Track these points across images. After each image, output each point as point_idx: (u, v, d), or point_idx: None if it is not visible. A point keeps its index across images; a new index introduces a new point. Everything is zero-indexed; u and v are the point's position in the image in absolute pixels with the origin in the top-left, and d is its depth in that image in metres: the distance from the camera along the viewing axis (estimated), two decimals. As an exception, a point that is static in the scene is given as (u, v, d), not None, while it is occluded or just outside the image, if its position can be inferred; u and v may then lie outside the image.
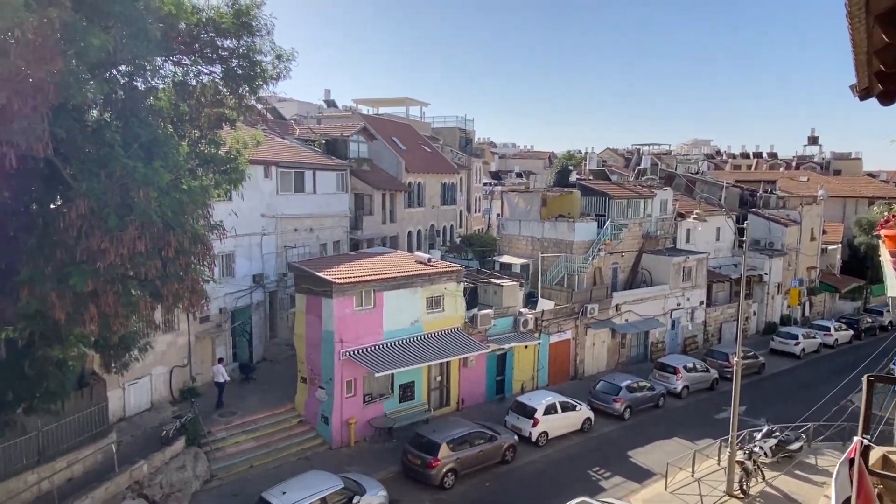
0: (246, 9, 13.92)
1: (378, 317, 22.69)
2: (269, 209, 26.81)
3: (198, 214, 12.98)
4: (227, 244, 22.63)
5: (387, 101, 60.15)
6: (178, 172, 12.64)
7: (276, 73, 14.99)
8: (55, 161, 10.78)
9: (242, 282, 25.43)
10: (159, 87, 14.11)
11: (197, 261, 13.00)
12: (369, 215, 35.32)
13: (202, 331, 23.46)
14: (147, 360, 18.43)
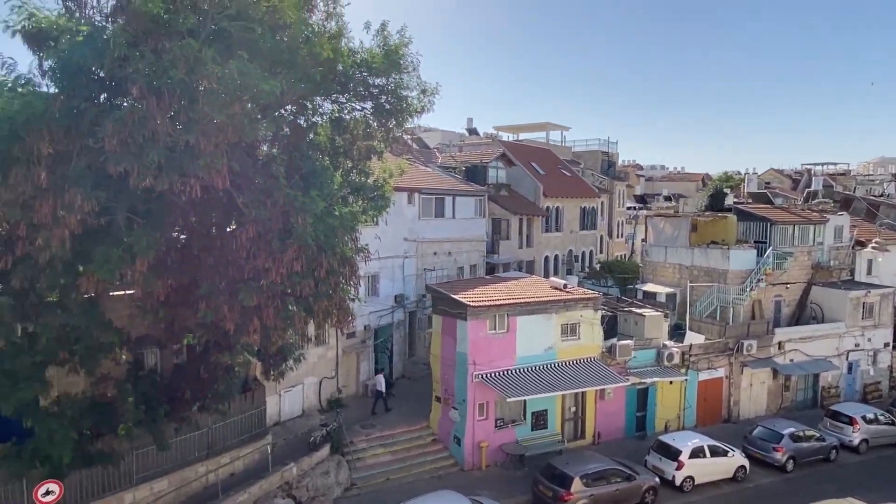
0: (395, 48, 14.97)
1: (511, 341, 22.68)
2: (411, 233, 28.18)
3: (347, 238, 14.09)
4: (372, 266, 24.14)
5: (527, 126, 60.61)
6: (332, 200, 13.85)
7: (421, 107, 15.89)
8: (231, 191, 12.35)
9: (385, 301, 26.87)
10: (319, 123, 15.59)
11: (344, 281, 14.06)
12: (506, 240, 35.59)
13: (348, 346, 25.10)
14: (300, 370, 20.13)
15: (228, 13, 11.30)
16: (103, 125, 10.19)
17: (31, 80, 10.98)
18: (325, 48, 13.05)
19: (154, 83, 9.98)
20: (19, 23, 10.27)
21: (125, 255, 11.11)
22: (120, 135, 10.13)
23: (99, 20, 11.27)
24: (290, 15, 12.14)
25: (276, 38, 12.40)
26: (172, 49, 10.06)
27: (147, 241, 11.27)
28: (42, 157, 10.14)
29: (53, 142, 10.26)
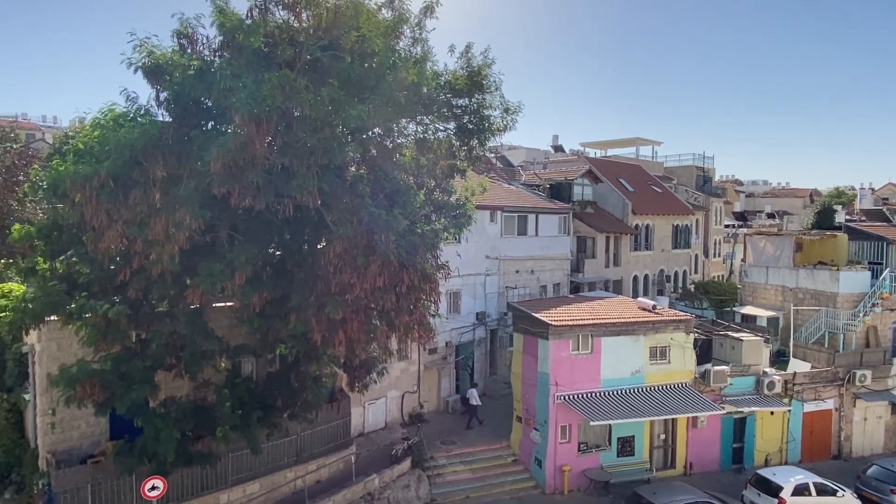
0: (478, 70, 15.27)
1: (595, 363, 22.07)
2: (493, 251, 28.28)
3: (428, 255, 14.41)
4: (453, 282, 24.45)
5: (615, 142, 59.24)
6: (414, 218, 14.26)
7: (504, 126, 16.05)
8: (321, 210, 13.05)
9: (466, 318, 27.06)
10: (403, 144, 16.12)
11: (425, 296, 14.37)
12: (591, 258, 34.81)
13: (430, 361, 25.46)
14: (383, 383, 20.67)
15: (321, 44, 12.07)
16: (209, 150, 11.16)
17: (149, 110, 12.25)
18: (410, 73, 13.53)
19: (254, 111, 10.81)
20: (140, 60, 11.51)
21: (226, 270, 12.01)
22: (224, 159, 11.04)
23: (207, 55, 12.39)
24: (378, 43, 12.74)
25: (364, 66, 13.06)
26: (271, 79, 10.88)
27: (245, 256, 12.14)
28: (157, 179, 11.24)
29: (167, 166, 11.36)
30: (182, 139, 11.85)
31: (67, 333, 14.36)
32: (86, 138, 12.29)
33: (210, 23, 11.72)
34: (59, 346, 15.20)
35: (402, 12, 13.79)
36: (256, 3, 12.21)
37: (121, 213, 11.27)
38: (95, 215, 11.24)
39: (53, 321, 13.92)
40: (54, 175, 11.70)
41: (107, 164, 11.10)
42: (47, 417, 15.41)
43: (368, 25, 12.93)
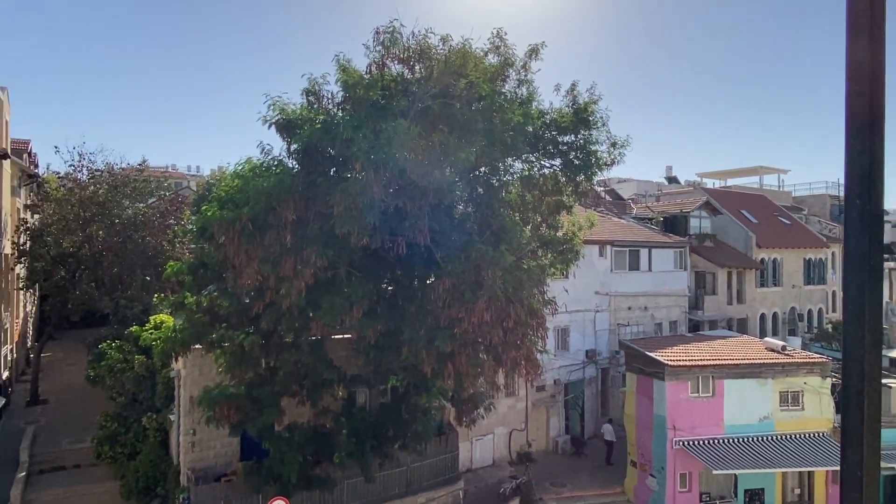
0: (584, 106, 15.46)
1: (718, 407, 20.68)
2: (602, 286, 27.66)
3: (535, 290, 14.54)
4: (562, 319, 24.16)
5: (736, 171, 55.95)
6: (521, 254, 14.52)
7: (612, 160, 16.01)
8: (432, 247, 13.70)
9: (576, 356, 26.51)
10: (510, 181, 16.55)
11: (532, 332, 14.45)
12: (711, 295, 32.85)
13: (538, 399, 25.13)
14: (491, 419, 20.74)
15: (432, 93, 12.93)
16: (333, 195, 12.24)
17: (282, 160, 13.69)
18: (515, 114, 14.02)
19: (372, 158, 11.77)
20: (274, 117, 12.97)
21: (345, 304, 12.93)
22: (345, 202, 12.05)
23: (332, 109, 13.69)
24: (485, 88, 13.39)
25: (472, 110, 13.75)
26: (387, 129, 11.81)
27: (362, 291, 13.00)
28: (288, 222, 12.47)
29: (296, 210, 12.58)
30: (309, 186, 13.10)
31: (209, 360, 16.00)
32: (227, 187, 13.94)
33: (334, 80, 13.01)
34: (201, 371, 16.95)
35: (508, 57, 14.40)
36: (374, 60, 13.37)
37: (257, 253, 12.58)
38: (236, 255, 12.65)
39: (197, 349, 15.64)
40: (203, 219, 13.36)
41: (246, 210, 12.52)
42: (189, 437, 17.11)
43: (476, 72, 13.64)
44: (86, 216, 25.16)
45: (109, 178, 26.63)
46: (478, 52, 14.23)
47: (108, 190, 25.95)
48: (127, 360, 20.63)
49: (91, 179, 26.63)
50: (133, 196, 26.83)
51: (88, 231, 25.02)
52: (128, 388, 20.59)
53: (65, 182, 27.86)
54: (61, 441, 21.40)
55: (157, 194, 28.39)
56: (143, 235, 25.61)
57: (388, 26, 13.07)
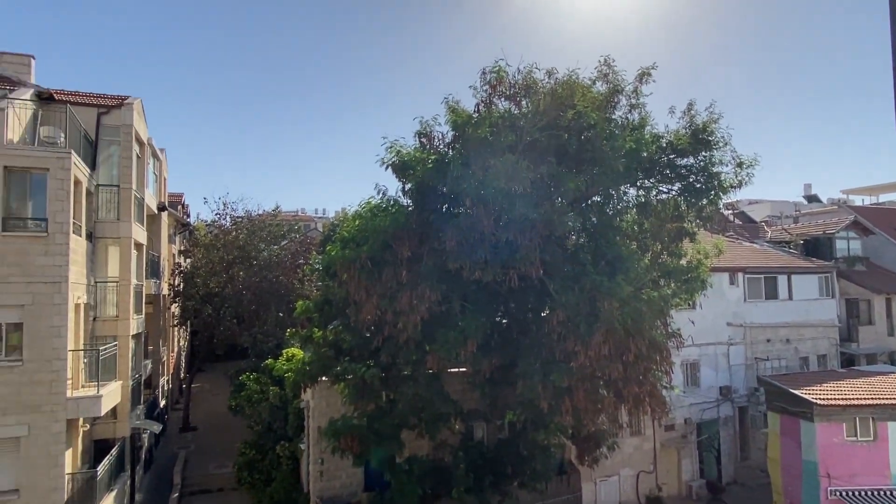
0: (703, 126, 14.72)
1: (881, 453, 18.08)
2: (735, 317, 25.55)
3: (658, 322, 13.81)
4: (690, 352, 22.60)
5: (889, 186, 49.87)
6: (639, 284, 13.91)
7: (738, 182, 15.01)
8: (544, 279, 13.57)
9: (708, 393, 24.54)
10: (624, 210, 16.03)
11: (656, 366, 13.69)
12: (867, 325, 29.10)
13: (667, 439, 23.49)
14: (615, 459, 19.69)
15: (540, 125, 13.00)
16: (445, 231, 12.60)
17: (397, 200, 14.38)
18: (627, 140, 13.67)
19: (482, 193, 12.01)
20: (390, 160, 13.70)
21: (459, 337, 13.10)
22: (457, 237, 12.36)
23: (442, 148, 14.21)
24: (593, 117, 13.23)
25: (580, 140, 13.62)
26: (495, 164, 12.04)
27: (476, 324, 13.12)
28: (403, 259, 12.99)
29: (411, 247, 13.09)
30: (423, 223, 13.61)
31: (334, 392, 16.82)
32: (349, 227, 14.86)
33: (444, 121, 13.53)
34: (327, 403, 17.85)
35: (616, 84, 14.15)
36: (482, 99, 13.75)
37: (376, 289, 13.20)
38: (357, 291, 13.36)
39: (324, 381, 16.52)
40: (327, 259, 14.31)
41: (365, 248, 13.24)
42: (317, 466, 17.96)
43: (583, 102, 13.54)
44: (228, 259, 27.88)
45: (248, 224, 29.43)
46: (585, 82, 14.14)
47: (247, 235, 28.67)
48: (263, 391, 22.25)
49: (233, 226, 29.58)
50: (268, 239, 29.38)
51: (231, 272, 27.67)
52: (264, 417, 22.15)
53: (211, 229, 31.15)
54: (208, 465, 23.36)
55: (288, 237, 30.83)
56: (277, 275, 27.84)
57: (494, 66, 13.42)
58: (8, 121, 14.02)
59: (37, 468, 13.57)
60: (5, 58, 18.05)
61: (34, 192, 14.27)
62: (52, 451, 13.72)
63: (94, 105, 18.09)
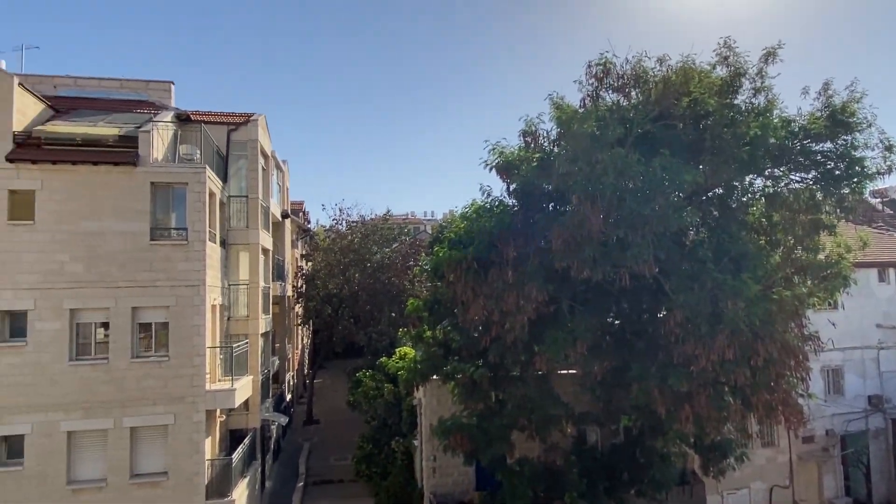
0: (843, 108, 13.25)
1: None
2: (886, 318, 22.67)
3: (790, 324, 12.60)
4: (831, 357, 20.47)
5: None
6: (769, 282, 12.76)
7: (886, 167, 13.36)
8: (659, 278, 12.86)
9: (854, 402, 21.99)
10: (750, 202, 14.79)
11: (789, 372, 12.50)
12: None
13: (805, 452, 21.36)
14: (745, 471, 18.23)
15: (651, 116, 12.34)
16: (551, 230, 12.34)
17: (502, 200, 14.33)
18: (751, 126, 12.60)
19: (589, 190, 11.62)
20: (494, 161, 13.67)
21: (568, 338, 12.77)
22: (563, 237, 12.06)
23: (547, 146, 13.92)
24: (711, 103, 12.35)
25: (698, 128, 12.75)
26: (603, 159, 11.59)
27: (585, 325, 12.72)
28: (509, 259, 12.90)
29: (516, 247, 12.97)
30: (528, 222, 13.44)
31: (445, 391, 17.09)
32: (455, 229, 15.03)
33: (549, 118, 13.25)
34: (438, 401, 18.18)
35: (738, 66, 13.08)
36: (588, 93, 13.30)
37: (482, 289, 13.22)
38: (464, 291, 13.47)
39: (434, 380, 16.85)
40: (435, 260, 14.57)
41: (471, 249, 13.32)
42: (430, 462, 18.35)
43: (700, 88, 12.68)
44: (345, 262, 29.39)
45: (362, 228, 30.85)
46: (703, 66, 13.23)
47: (361, 238, 30.07)
48: (378, 387, 23.15)
49: (348, 230, 31.13)
50: (380, 242, 30.61)
51: (347, 274, 29.14)
52: (379, 413, 23.04)
53: (329, 234, 32.97)
54: (329, 457, 24.72)
55: (399, 239, 31.91)
56: (389, 276, 28.91)
57: (600, 58, 12.94)
58: (153, 142, 15.70)
59: (181, 454, 15.09)
60: (151, 85, 20.28)
61: (175, 205, 15.90)
62: (194, 439, 15.19)
63: (224, 123, 19.81)
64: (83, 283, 14.85)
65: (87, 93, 19.50)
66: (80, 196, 15.01)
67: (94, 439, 14.80)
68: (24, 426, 14.35)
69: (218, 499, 15.40)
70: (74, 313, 14.85)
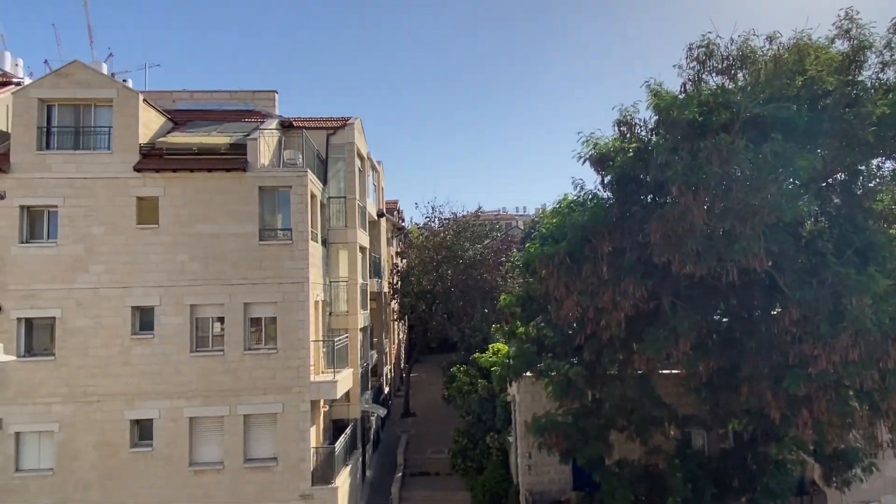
0: None
1: None
2: None
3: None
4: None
5: None
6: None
7: None
8: (772, 273, 11.94)
9: None
10: (878, 188, 13.39)
11: (930, 377, 11.19)
12: None
13: (950, 466, 19.03)
14: (874, 483, 16.55)
15: (760, 99, 11.47)
16: (649, 223, 11.83)
17: (596, 193, 13.91)
18: (878, 105, 11.38)
19: (690, 180, 11.00)
20: (587, 153, 13.29)
21: (670, 336, 12.19)
22: (663, 229, 11.51)
23: (644, 135, 13.35)
24: (830, 81, 11.32)
25: (815, 109, 11.71)
26: (706, 147, 10.93)
27: (689, 323, 12.08)
28: (604, 254, 12.51)
29: (612, 241, 12.55)
30: (624, 215, 12.95)
31: (538, 388, 16.91)
32: (547, 224, 14.79)
33: (646, 106, 12.69)
34: (532, 398, 18.02)
35: (862, 39, 11.84)
36: (689, 77, 12.60)
37: (576, 285, 12.92)
38: (557, 287, 13.23)
39: (528, 376, 16.71)
40: (526, 255, 14.43)
41: (564, 244, 13.04)
42: (525, 459, 18.24)
43: (817, 65, 11.65)
44: (438, 258, 29.87)
45: (454, 225, 31.19)
46: (819, 42, 12.13)
47: (453, 235, 30.42)
48: (472, 383, 23.34)
49: (441, 227, 31.60)
50: (472, 239, 30.79)
51: (440, 271, 29.61)
52: (473, 408, 23.22)
53: (422, 231, 33.63)
54: (426, 450, 25.23)
55: (490, 235, 31.94)
56: (481, 272, 29.04)
57: (702, 40, 12.21)
58: (260, 148, 16.75)
59: (289, 441, 16.02)
60: (257, 95, 21.63)
61: (280, 207, 16.88)
62: (300, 427, 16.08)
63: (323, 127, 20.74)
64: (201, 281, 16.13)
65: (201, 105, 21.14)
66: (197, 201, 16.31)
67: (212, 425, 16.06)
68: (152, 411, 15.84)
69: (323, 485, 16.19)
70: (194, 309, 16.17)
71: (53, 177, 15.93)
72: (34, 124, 15.98)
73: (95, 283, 15.88)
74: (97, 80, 16.68)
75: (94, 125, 16.46)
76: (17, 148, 15.91)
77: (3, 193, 15.73)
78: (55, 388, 15.63)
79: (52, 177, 15.92)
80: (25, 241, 15.91)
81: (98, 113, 16.52)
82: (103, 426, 15.69)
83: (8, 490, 15.32)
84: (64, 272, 15.83)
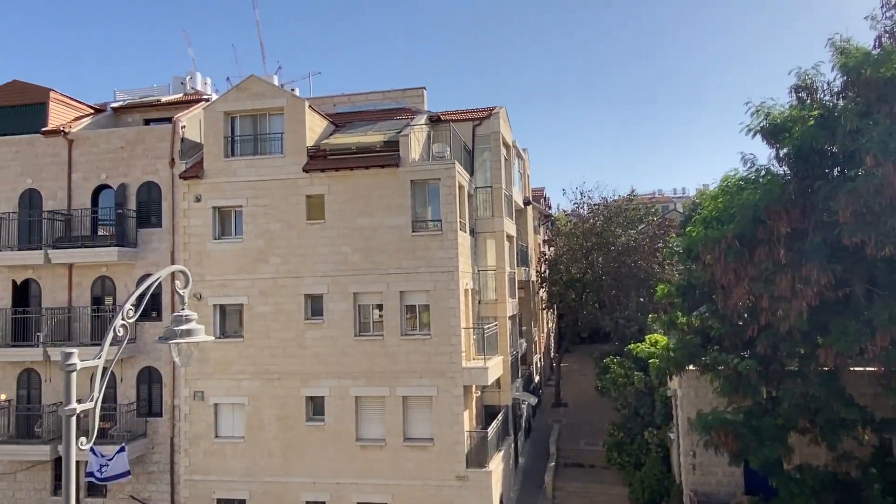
0: None
1: None
2: None
3: None
4: None
5: None
6: None
7: None
8: None
9: None
10: None
11: None
12: None
13: None
14: None
15: None
16: (836, 199, 10.39)
17: (769, 169, 12.49)
18: None
19: (889, 148, 9.45)
20: (758, 124, 11.97)
21: (864, 329, 10.65)
22: (854, 206, 10.05)
23: (828, 100, 11.71)
24: None
25: None
26: (910, 107, 9.33)
27: (889, 314, 10.44)
28: (780, 236, 11.22)
29: (790, 221, 11.20)
30: (804, 192, 11.50)
31: (703, 382, 15.73)
32: (711, 205, 13.60)
33: (830, 67, 11.12)
34: (696, 393, 16.82)
35: None
36: (885, 29, 10.81)
37: (746, 271, 11.76)
38: (724, 274, 12.14)
39: (691, 370, 15.61)
40: (688, 240, 13.43)
41: (731, 227, 11.90)
42: (689, 458, 17.12)
43: None
44: (587, 246, 28.99)
45: (605, 211, 30.04)
46: None
47: (604, 221, 29.32)
48: (627, 375, 22.38)
49: (590, 213, 30.60)
50: (625, 224, 29.42)
51: (590, 259, 28.74)
52: (629, 401, 22.28)
53: (571, 218, 32.85)
54: (579, 441, 24.77)
55: (645, 220, 30.24)
56: (635, 260, 27.66)
57: (904, -20, 10.40)
58: (411, 143, 17.48)
59: (444, 423, 16.64)
60: (407, 93, 22.58)
61: (430, 199, 17.49)
62: (454, 410, 16.62)
63: (469, 119, 21.08)
64: (361, 271, 17.31)
65: (358, 107, 22.59)
66: (357, 196, 17.49)
67: (375, 404, 17.20)
68: (323, 389, 17.37)
69: (477, 468, 16.61)
70: (357, 296, 17.41)
71: (238, 180, 18.03)
72: (221, 134, 18.20)
73: (274, 274, 17.73)
74: (270, 91, 18.55)
75: (269, 132, 18.34)
76: (208, 156, 18.25)
77: (199, 196, 18.15)
78: (244, 366, 17.78)
79: (237, 180, 18.04)
80: (217, 237, 18.23)
81: (272, 121, 18.38)
82: (283, 401, 17.53)
83: (210, 453, 17.78)
84: (249, 264, 17.89)
